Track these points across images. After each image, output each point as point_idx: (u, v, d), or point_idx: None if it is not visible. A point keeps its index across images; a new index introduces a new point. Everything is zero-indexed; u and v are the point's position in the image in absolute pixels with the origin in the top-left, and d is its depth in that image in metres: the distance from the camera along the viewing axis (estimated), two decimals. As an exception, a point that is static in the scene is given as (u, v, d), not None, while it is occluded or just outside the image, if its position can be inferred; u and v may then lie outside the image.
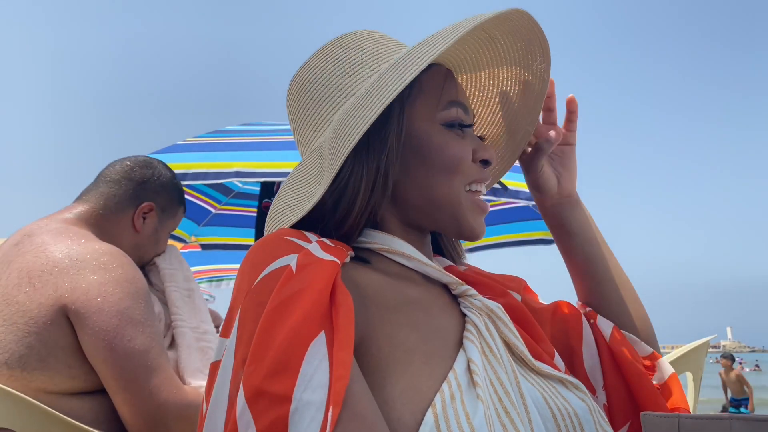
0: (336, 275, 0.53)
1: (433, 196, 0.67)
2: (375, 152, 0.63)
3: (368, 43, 0.71)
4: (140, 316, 1.10)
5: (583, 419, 0.59)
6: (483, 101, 0.83)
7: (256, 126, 2.83)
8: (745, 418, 0.42)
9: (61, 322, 1.05)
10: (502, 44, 0.73)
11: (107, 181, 1.33)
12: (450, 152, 0.67)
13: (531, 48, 0.73)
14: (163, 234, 1.41)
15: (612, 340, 0.77)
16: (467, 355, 0.56)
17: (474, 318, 0.61)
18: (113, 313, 1.06)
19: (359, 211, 0.63)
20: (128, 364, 1.05)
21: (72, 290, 1.06)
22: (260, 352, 0.47)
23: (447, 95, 0.69)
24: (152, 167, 1.39)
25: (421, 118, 0.68)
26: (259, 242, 0.58)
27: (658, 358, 0.79)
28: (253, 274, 0.54)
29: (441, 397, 0.50)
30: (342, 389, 0.45)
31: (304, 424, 0.43)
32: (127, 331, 1.06)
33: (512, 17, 0.66)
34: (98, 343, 1.04)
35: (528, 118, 0.81)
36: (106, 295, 1.07)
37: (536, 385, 0.60)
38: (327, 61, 0.70)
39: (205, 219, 3.42)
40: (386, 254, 0.66)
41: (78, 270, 1.08)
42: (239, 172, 2.18)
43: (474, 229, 0.69)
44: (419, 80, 0.67)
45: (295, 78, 0.73)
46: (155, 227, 1.37)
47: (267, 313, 0.49)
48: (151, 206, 1.35)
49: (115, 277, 1.10)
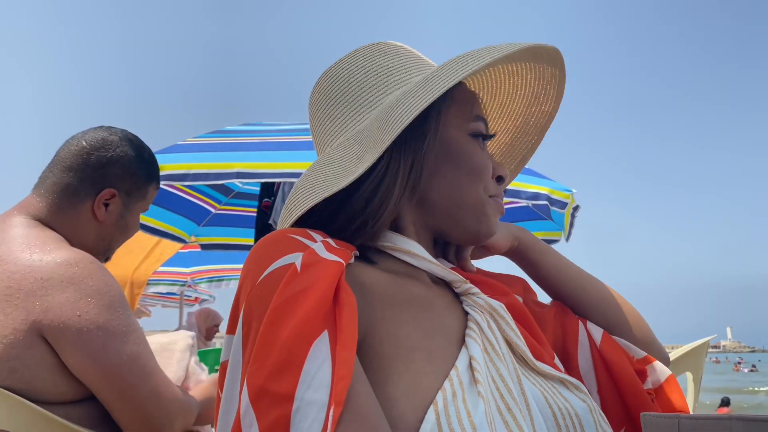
0: (340, 275, 0.53)
1: (459, 198, 0.69)
2: (412, 148, 0.65)
3: (404, 52, 0.74)
4: (121, 325, 1.06)
5: (584, 420, 0.59)
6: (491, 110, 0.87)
7: (257, 126, 2.83)
8: (745, 418, 0.42)
9: (39, 344, 1.01)
10: (524, 78, 0.78)
11: (62, 168, 1.20)
12: (477, 159, 0.70)
13: (547, 89, 0.78)
14: (131, 219, 1.29)
15: (602, 345, 0.77)
16: (469, 353, 0.56)
17: (476, 316, 0.62)
18: (93, 330, 1.02)
19: (393, 204, 0.64)
20: (119, 376, 1.03)
21: (45, 312, 1.01)
22: (263, 351, 0.47)
23: (474, 110, 0.73)
24: (111, 147, 1.23)
25: (453, 125, 0.70)
26: (264, 239, 0.58)
27: (652, 362, 0.79)
28: (257, 271, 0.54)
29: (443, 394, 0.51)
30: (344, 389, 0.45)
31: (306, 424, 0.44)
32: (111, 344, 1.03)
33: (548, 54, 0.72)
34: (84, 362, 1.01)
35: (527, 147, 0.86)
36: (81, 313, 1.02)
37: (537, 384, 0.60)
38: (365, 61, 0.72)
39: (205, 219, 3.42)
40: (392, 252, 0.66)
41: (46, 291, 1.02)
42: (240, 172, 2.18)
43: (491, 228, 0.71)
44: (452, 92, 0.70)
45: (328, 73, 0.74)
46: (120, 213, 1.25)
47: (271, 311, 0.49)
48: (112, 193, 1.22)
49: (86, 291, 1.04)
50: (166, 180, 2.23)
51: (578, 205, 2.84)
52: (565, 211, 2.72)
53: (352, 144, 0.66)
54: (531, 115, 0.83)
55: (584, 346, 0.78)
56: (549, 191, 2.59)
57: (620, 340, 0.79)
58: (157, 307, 7.94)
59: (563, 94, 0.79)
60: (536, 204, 2.93)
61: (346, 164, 0.64)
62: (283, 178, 2.20)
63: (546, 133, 0.84)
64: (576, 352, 0.78)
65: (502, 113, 0.84)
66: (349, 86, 0.71)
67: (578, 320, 0.80)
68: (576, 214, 2.89)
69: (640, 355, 0.79)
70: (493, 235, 0.72)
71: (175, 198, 3.08)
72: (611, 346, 0.77)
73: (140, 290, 4.34)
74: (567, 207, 2.67)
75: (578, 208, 2.86)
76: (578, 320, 0.80)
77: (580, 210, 2.89)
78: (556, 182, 2.74)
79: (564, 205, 2.63)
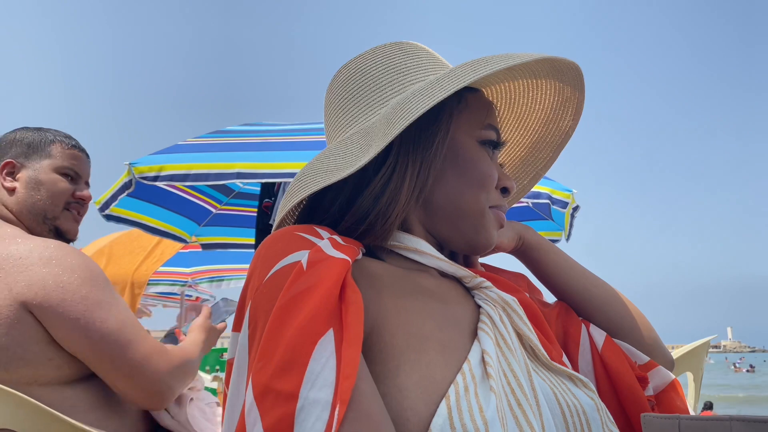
0: (346, 273, 0.53)
1: (461, 204, 0.68)
2: (421, 148, 0.65)
3: (424, 53, 0.73)
4: (104, 296, 1.08)
5: (591, 417, 0.60)
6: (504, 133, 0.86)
7: (257, 126, 2.83)
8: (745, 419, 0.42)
9: (26, 318, 1.04)
10: (543, 93, 0.77)
11: None
12: (482, 168, 0.69)
13: (566, 107, 0.77)
14: (43, 176, 1.28)
15: (604, 351, 0.76)
16: (481, 346, 0.56)
17: (488, 309, 0.62)
18: (77, 300, 1.05)
19: (403, 204, 0.63)
20: (109, 344, 1.05)
21: (28, 286, 1.04)
22: (269, 350, 0.47)
23: (487, 117, 0.71)
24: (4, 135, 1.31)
25: (463, 131, 0.69)
26: (271, 237, 0.58)
27: (655, 367, 0.78)
28: (264, 269, 0.54)
29: (455, 388, 0.51)
30: (348, 388, 0.45)
31: (310, 423, 0.44)
32: (97, 314, 1.05)
33: (569, 71, 0.71)
34: (71, 333, 1.04)
35: (541, 164, 0.85)
36: (64, 285, 1.05)
37: (546, 380, 0.60)
38: (384, 58, 0.72)
39: (206, 219, 3.42)
40: (400, 251, 0.66)
41: (27, 267, 1.06)
42: (240, 173, 2.17)
43: (489, 240, 0.70)
44: (466, 98, 0.70)
45: (347, 66, 0.74)
46: (30, 176, 1.26)
47: (276, 309, 0.50)
48: (8, 162, 1.26)
49: (67, 266, 1.08)
50: (167, 180, 2.23)
51: (578, 205, 2.85)
52: (566, 210, 2.72)
53: (360, 137, 0.65)
54: (548, 132, 0.82)
55: (585, 350, 0.77)
56: (550, 191, 2.59)
57: (623, 344, 0.79)
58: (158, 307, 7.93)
59: (581, 113, 0.78)
60: (537, 203, 2.93)
61: (349, 156, 0.63)
62: (283, 178, 2.20)
63: (561, 151, 0.83)
64: (577, 355, 0.77)
65: (519, 126, 0.84)
66: (365, 81, 0.71)
67: (581, 323, 0.80)
68: (576, 214, 2.90)
69: (643, 360, 0.78)
70: (491, 247, 0.71)
71: (176, 198, 3.08)
72: (613, 351, 0.77)
73: (141, 290, 4.34)
74: (568, 207, 2.67)
75: (578, 208, 2.87)
76: (581, 323, 0.80)
77: (579, 210, 2.90)
78: (556, 182, 2.74)
79: (565, 205, 2.63)
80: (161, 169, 2.20)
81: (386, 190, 0.63)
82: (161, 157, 2.31)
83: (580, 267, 0.84)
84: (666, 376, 0.77)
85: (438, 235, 0.70)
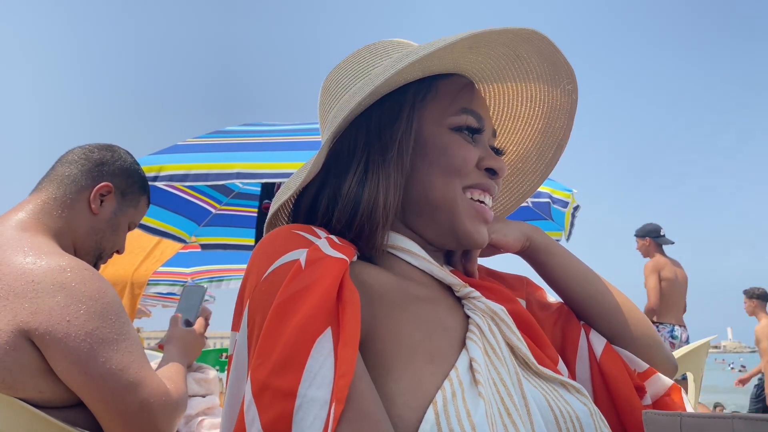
0: (344, 272, 0.53)
1: (433, 195, 0.67)
2: (385, 147, 0.65)
3: (393, 47, 0.73)
4: (111, 333, 1.02)
5: (585, 423, 0.59)
6: (512, 117, 0.83)
7: (257, 126, 2.83)
8: (746, 417, 0.42)
9: (24, 346, 0.99)
10: (528, 62, 0.74)
11: (64, 162, 1.26)
12: (452, 151, 0.67)
13: (557, 69, 0.74)
14: (122, 220, 1.32)
15: (603, 358, 0.75)
16: (470, 355, 0.56)
17: (477, 319, 0.62)
18: (81, 336, 0.99)
19: (383, 206, 0.63)
20: (108, 385, 1.00)
21: (33, 314, 0.99)
22: (267, 347, 0.47)
23: (460, 102, 0.69)
24: (113, 151, 1.32)
25: (430, 121, 0.68)
26: (269, 235, 0.58)
27: (654, 374, 0.76)
28: (262, 267, 0.54)
29: (442, 394, 0.51)
30: (346, 386, 0.45)
31: (308, 421, 0.44)
32: (100, 352, 1.00)
33: (532, 38, 0.67)
34: (71, 368, 0.99)
35: (559, 135, 0.82)
36: (70, 318, 1.00)
37: (539, 387, 0.60)
38: (352, 62, 0.74)
39: (206, 219, 3.42)
40: (393, 251, 0.66)
41: (36, 294, 1.00)
42: (240, 173, 2.17)
43: (471, 234, 0.67)
44: (436, 86, 0.69)
45: (337, 65, 0.77)
46: (113, 211, 1.29)
47: (275, 307, 0.49)
48: (108, 187, 1.27)
49: (77, 296, 1.02)
50: (167, 180, 2.22)
51: (578, 205, 2.85)
52: (566, 210, 2.72)
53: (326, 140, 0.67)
54: (549, 129, 0.82)
55: (583, 357, 0.76)
56: (550, 191, 2.59)
57: (623, 351, 0.77)
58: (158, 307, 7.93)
59: (574, 117, 0.78)
60: (537, 203, 2.93)
61: (309, 164, 0.65)
62: (283, 178, 2.19)
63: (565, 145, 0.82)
64: (574, 362, 0.76)
65: (515, 128, 0.84)
66: (339, 76, 0.73)
67: (581, 328, 0.79)
68: (576, 213, 2.90)
69: (642, 367, 0.77)
70: (476, 242, 0.68)
71: (176, 198, 3.08)
72: (612, 359, 0.75)
73: (140, 290, 4.34)
74: (568, 206, 2.67)
75: (578, 207, 2.87)
76: (581, 328, 0.79)
77: (580, 209, 2.90)
78: (557, 182, 2.74)
79: (566, 204, 2.63)
80: (161, 169, 2.20)
81: (362, 197, 0.63)
82: (161, 157, 2.30)
83: (587, 271, 0.81)
84: (664, 382, 0.76)
85: (422, 233, 0.69)
